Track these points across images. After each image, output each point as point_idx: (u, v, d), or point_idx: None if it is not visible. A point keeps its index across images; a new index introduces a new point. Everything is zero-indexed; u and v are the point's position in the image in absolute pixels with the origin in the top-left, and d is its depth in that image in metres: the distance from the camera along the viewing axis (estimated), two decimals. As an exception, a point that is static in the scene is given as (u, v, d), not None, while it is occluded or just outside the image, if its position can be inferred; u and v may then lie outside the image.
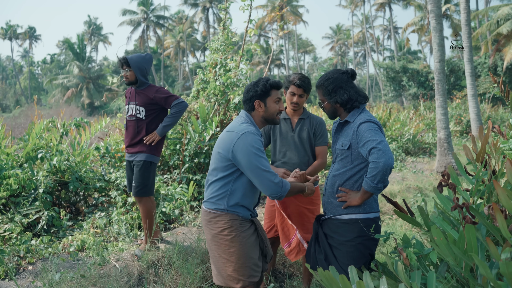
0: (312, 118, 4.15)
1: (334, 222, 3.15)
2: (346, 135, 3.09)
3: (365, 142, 2.89)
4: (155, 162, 4.99)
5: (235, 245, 3.13)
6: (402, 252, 2.53)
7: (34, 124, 7.68)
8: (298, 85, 3.95)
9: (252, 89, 3.21)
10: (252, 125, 3.17)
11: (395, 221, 6.41)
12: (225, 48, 8.03)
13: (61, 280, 4.04)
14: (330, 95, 3.12)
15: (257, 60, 59.61)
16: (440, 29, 11.37)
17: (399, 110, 23.03)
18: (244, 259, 3.14)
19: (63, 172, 6.36)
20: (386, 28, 71.78)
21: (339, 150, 3.14)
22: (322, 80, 3.16)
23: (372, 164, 2.82)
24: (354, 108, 3.13)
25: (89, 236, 5.38)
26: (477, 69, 29.31)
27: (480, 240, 2.27)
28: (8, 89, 76.64)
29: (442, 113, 11.41)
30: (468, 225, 2.12)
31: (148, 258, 4.60)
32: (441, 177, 2.67)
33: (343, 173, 3.11)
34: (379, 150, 2.80)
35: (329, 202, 3.19)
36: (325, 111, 3.21)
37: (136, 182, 4.91)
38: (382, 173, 2.80)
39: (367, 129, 2.94)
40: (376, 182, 2.84)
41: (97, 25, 74.06)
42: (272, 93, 3.21)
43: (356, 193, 3.05)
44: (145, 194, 4.94)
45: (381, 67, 35.17)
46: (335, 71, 3.17)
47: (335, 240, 3.12)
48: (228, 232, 3.14)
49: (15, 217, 5.54)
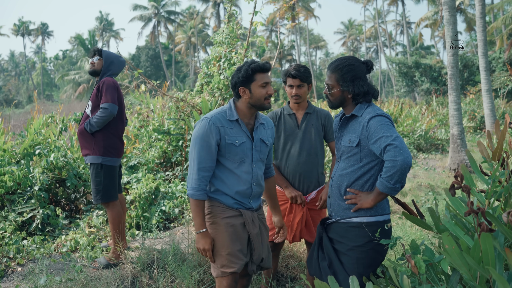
0: (319, 112, 3.91)
1: (342, 226, 2.86)
2: (354, 130, 2.81)
3: (378, 139, 2.63)
4: (108, 164, 4.52)
5: (212, 232, 3.02)
6: (411, 260, 2.32)
7: (33, 120, 7.49)
8: (293, 75, 3.72)
9: (235, 75, 3.01)
10: (223, 112, 3.02)
11: (405, 221, 6.13)
12: (230, 41, 7.79)
13: (47, 284, 3.82)
14: (346, 83, 2.82)
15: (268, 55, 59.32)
16: (454, 22, 11.04)
17: (411, 106, 22.68)
18: (219, 246, 3.00)
19: (60, 169, 6.17)
20: (398, 23, 71.08)
21: (345, 147, 2.86)
22: (341, 65, 2.84)
23: (389, 163, 2.57)
24: (363, 102, 2.86)
25: (82, 236, 5.17)
26: (492, 64, 28.79)
27: (498, 249, 2.01)
28: (21, 85, 77.13)
29: (455, 109, 11.09)
30: (484, 234, 1.86)
31: (142, 260, 4.37)
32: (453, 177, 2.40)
33: (351, 173, 2.83)
34: (396, 147, 2.55)
35: (336, 204, 2.90)
36: (329, 97, 2.91)
37: (92, 187, 4.54)
38: (400, 172, 2.55)
39: (378, 124, 2.67)
40: (393, 183, 2.59)
41: (108, 21, 74.19)
42: (257, 77, 2.97)
43: (367, 195, 2.77)
44: (103, 200, 4.52)
45: (394, 62, 34.74)
46: (355, 59, 2.87)
47: (343, 246, 2.84)
48: (208, 218, 3.05)
49: (9, 215, 5.35)
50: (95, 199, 4.50)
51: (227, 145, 2.96)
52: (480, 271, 1.94)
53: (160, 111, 8.50)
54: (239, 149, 2.99)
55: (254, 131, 3.09)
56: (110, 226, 4.60)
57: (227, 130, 2.97)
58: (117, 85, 4.59)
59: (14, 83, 75.79)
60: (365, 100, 2.84)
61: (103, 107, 4.39)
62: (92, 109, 4.54)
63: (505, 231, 1.98)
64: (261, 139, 3.12)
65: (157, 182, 6.23)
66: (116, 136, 4.58)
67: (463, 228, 2.46)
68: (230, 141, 2.96)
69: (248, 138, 3.05)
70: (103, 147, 4.47)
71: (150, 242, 5.10)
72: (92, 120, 4.41)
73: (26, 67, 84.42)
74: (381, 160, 2.75)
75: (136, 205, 5.82)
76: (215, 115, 2.99)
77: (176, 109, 7.52)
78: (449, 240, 1.97)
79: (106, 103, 4.39)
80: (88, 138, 4.50)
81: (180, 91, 9.20)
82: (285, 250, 4.87)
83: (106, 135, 4.49)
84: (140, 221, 5.69)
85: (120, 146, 4.65)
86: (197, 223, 2.94)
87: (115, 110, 4.44)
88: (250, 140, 3.05)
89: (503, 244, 2.07)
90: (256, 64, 2.96)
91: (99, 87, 4.51)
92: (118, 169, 4.72)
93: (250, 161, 3.05)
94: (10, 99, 64.04)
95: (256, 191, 3.10)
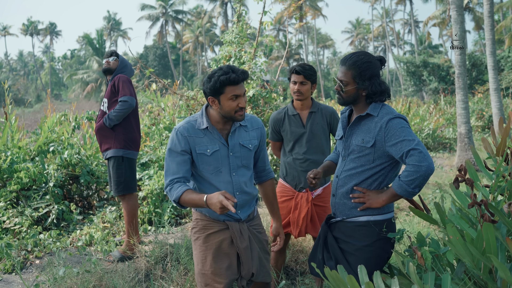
0: (323, 109, 3.93)
1: (348, 225, 2.79)
2: (368, 130, 2.70)
3: (399, 142, 2.57)
4: (128, 157, 4.70)
5: (196, 247, 2.92)
6: (417, 251, 2.38)
7: (47, 118, 7.65)
8: (297, 71, 3.76)
9: (205, 83, 2.79)
10: (193, 121, 2.85)
11: (412, 218, 6.22)
12: (240, 40, 7.89)
13: (65, 275, 3.96)
14: (364, 80, 2.67)
15: (276, 55, 59.34)
16: (461, 21, 11.08)
17: (419, 105, 22.68)
18: (203, 264, 2.87)
19: (74, 166, 6.30)
20: (406, 22, 70.90)
21: (357, 147, 2.74)
22: (359, 61, 2.68)
23: (412, 167, 2.51)
24: (377, 102, 2.75)
25: (97, 230, 5.30)
26: (500, 63, 28.67)
27: (500, 240, 2.10)
28: (30, 84, 77.57)
29: (463, 108, 11.13)
30: (486, 224, 1.96)
31: (156, 253, 4.50)
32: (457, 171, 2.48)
33: (361, 173, 2.74)
34: (421, 153, 2.51)
35: (342, 203, 2.81)
36: (342, 94, 2.74)
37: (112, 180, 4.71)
38: (422, 178, 2.52)
39: (398, 126, 2.60)
40: (413, 187, 2.56)
41: (116, 20, 74.52)
42: (226, 90, 2.72)
43: (376, 194, 2.71)
44: (124, 192, 4.68)
45: (401, 61, 34.64)
46: (371, 55, 2.74)
47: (350, 246, 2.76)
48: (193, 233, 2.95)
49: (26, 210, 5.50)
50: (116, 191, 4.65)
51: (198, 155, 2.80)
52: (483, 260, 2.03)
53: (170, 109, 8.63)
54: (211, 158, 2.82)
55: (230, 136, 2.88)
56: (125, 219, 4.74)
57: (196, 139, 2.80)
58: (131, 81, 4.78)
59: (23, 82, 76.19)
60: (379, 99, 2.73)
61: (122, 100, 4.56)
62: (108, 106, 4.69)
63: (506, 222, 2.08)
64: (241, 143, 2.90)
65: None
66: (135, 129, 4.76)
67: (467, 221, 2.55)
68: (200, 151, 2.80)
69: (223, 145, 2.85)
70: (123, 140, 4.64)
71: (162, 236, 5.23)
72: (111, 114, 4.56)
73: (35, 66, 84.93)
74: (393, 162, 2.72)
75: (148, 201, 5.95)
76: (183, 125, 2.83)
77: (186, 107, 7.64)
78: (453, 231, 2.07)
79: (125, 96, 4.57)
80: (107, 133, 4.65)
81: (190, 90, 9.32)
82: (295, 245, 4.98)
83: (125, 129, 4.67)
84: (152, 217, 5.82)
85: (139, 139, 4.84)
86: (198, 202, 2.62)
87: (134, 103, 4.62)
88: (225, 147, 2.86)
89: (505, 235, 2.16)
90: (225, 77, 2.70)
91: (114, 83, 4.67)
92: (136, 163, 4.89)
93: (228, 170, 2.86)
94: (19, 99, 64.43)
95: (241, 200, 2.89)
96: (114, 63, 4.82)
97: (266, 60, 7.98)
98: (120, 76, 4.70)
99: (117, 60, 4.83)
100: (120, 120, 4.61)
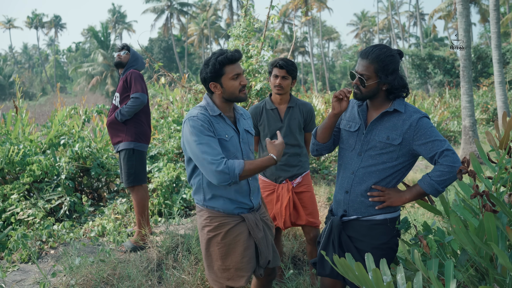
0: (301, 104, 4.00)
1: (364, 224, 2.71)
2: (395, 127, 2.61)
3: (431, 141, 2.54)
4: (139, 149, 4.83)
5: (213, 244, 2.88)
6: (423, 240, 2.46)
7: (57, 111, 7.77)
8: (280, 65, 3.80)
9: (203, 70, 2.78)
10: (203, 109, 2.81)
11: (417, 209, 6.33)
12: (247, 34, 7.97)
13: (81, 264, 4.09)
14: (387, 75, 2.57)
15: (281, 47, 59.27)
16: (467, 15, 11.12)
17: (424, 98, 22.69)
18: (222, 261, 2.87)
19: (85, 159, 6.43)
20: (412, 14, 70.58)
21: (380, 143, 2.64)
22: (382, 55, 2.57)
23: (447, 168, 2.50)
24: (400, 97, 2.67)
25: (109, 221, 5.44)
26: (506, 56, 28.60)
27: (501, 229, 2.21)
28: (35, 77, 77.84)
29: (468, 101, 11.19)
30: (487, 213, 2.06)
31: (167, 244, 4.62)
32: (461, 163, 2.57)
33: (382, 170, 2.66)
34: (454, 154, 2.52)
35: (358, 201, 2.71)
36: (362, 89, 2.63)
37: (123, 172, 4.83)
38: (454, 178, 2.52)
39: (429, 126, 2.57)
40: (443, 186, 2.55)
41: (121, 13, 74.49)
42: (226, 69, 2.74)
43: (397, 192, 2.67)
44: (134, 183, 4.81)
45: (407, 54, 34.57)
46: (391, 48, 2.64)
47: (365, 244, 2.69)
48: (207, 232, 2.87)
49: (38, 202, 5.63)
50: (127, 182, 4.79)
51: (218, 141, 2.76)
52: (484, 248, 2.14)
53: (179, 102, 8.73)
54: (229, 144, 2.81)
55: (237, 123, 2.92)
56: (135, 210, 4.87)
57: (214, 125, 2.77)
58: (143, 77, 4.87)
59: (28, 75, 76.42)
60: (400, 95, 2.66)
61: (134, 96, 4.68)
62: (120, 100, 4.81)
63: (507, 212, 2.18)
64: (246, 130, 2.97)
65: (177, 171, 6.47)
66: (145, 123, 4.88)
67: (470, 211, 2.65)
68: (220, 136, 2.77)
69: (235, 132, 2.88)
70: (134, 133, 4.76)
71: (173, 227, 5.36)
72: (123, 109, 4.68)
73: (40, 59, 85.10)
74: (413, 161, 2.70)
75: (158, 193, 6.08)
76: (198, 113, 2.76)
77: (194, 100, 7.74)
78: (456, 220, 2.17)
79: (137, 93, 4.69)
80: (119, 126, 4.78)
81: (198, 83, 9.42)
82: (302, 236, 5.09)
83: (136, 122, 4.79)
84: (162, 208, 5.94)
85: (149, 132, 4.96)
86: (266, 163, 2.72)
87: (145, 99, 4.74)
88: (236, 134, 2.88)
89: (505, 224, 2.26)
90: (223, 56, 2.72)
91: (126, 78, 4.79)
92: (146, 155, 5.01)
93: (241, 156, 2.87)
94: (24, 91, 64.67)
95: (254, 186, 2.94)
96: (126, 57, 4.95)
97: (273, 54, 8.06)
98: (132, 72, 4.82)
99: (128, 54, 4.96)
100: (131, 115, 4.73)
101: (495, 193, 2.64)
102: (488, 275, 2.26)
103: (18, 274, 4.24)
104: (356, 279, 2.02)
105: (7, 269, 4.30)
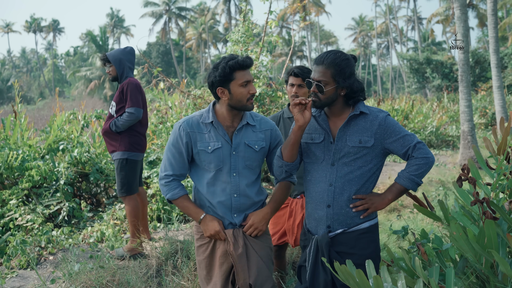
0: None
1: (351, 236, 2.60)
2: (364, 129, 2.56)
3: (402, 137, 2.54)
4: (132, 159, 4.75)
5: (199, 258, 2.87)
6: (421, 247, 2.47)
7: (56, 116, 7.77)
8: (295, 73, 3.65)
9: (212, 74, 2.67)
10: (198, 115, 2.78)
11: (416, 215, 6.33)
12: (246, 39, 7.99)
13: (80, 270, 4.08)
14: (345, 79, 2.51)
15: (279, 52, 59.35)
16: (465, 19, 11.15)
17: (422, 102, 22.73)
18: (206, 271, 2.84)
19: (83, 164, 6.43)
20: (410, 18, 70.77)
21: (353, 148, 2.55)
22: (338, 59, 2.51)
23: (422, 160, 2.51)
24: (359, 101, 2.62)
25: (108, 227, 5.43)
26: (504, 60, 28.65)
27: (501, 236, 2.21)
28: (33, 81, 77.76)
29: (466, 105, 11.21)
30: (488, 220, 2.07)
31: (166, 250, 4.62)
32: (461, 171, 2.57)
33: (360, 176, 2.58)
34: (424, 145, 2.54)
35: (342, 213, 2.59)
36: (320, 96, 2.54)
37: (116, 181, 4.79)
38: (429, 169, 2.54)
39: (395, 123, 2.57)
40: (421, 179, 2.55)
41: (119, 17, 74.56)
42: (237, 75, 2.62)
43: (378, 196, 2.62)
44: (127, 193, 4.75)
45: (405, 58, 34.65)
46: (344, 53, 2.59)
47: (356, 257, 2.54)
48: (196, 240, 2.88)
49: (37, 208, 5.62)
50: (120, 192, 4.74)
51: (199, 152, 2.70)
52: (485, 256, 2.14)
53: (178, 108, 8.74)
54: (212, 156, 2.70)
55: (235, 134, 2.74)
56: (128, 219, 4.82)
57: (198, 135, 2.71)
58: (140, 87, 4.80)
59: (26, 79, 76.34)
60: (358, 98, 2.60)
61: (129, 111, 4.61)
62: (116, 110, 4.76)
63: (507, 219, 2.19)
64: (246, 143, 2.75)
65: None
66: (140, 134, 4.81)
67: (470, 218, 2.66)
68: (201, 148, 2.70)
69: (226, 143, 2.72)
70: (128, 143, 4.70)
71: (172, 233, 5.36)
72: (118, 122, 4.65)
73: (38, 63, 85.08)
74: (383, 162, 2.65)
75: (157, 199, 6.07)
76: (187, 120, 2.75)
77: (193, 106, 7.75)
78: (457, 227, 2.17)
79: (132, 108, 4.62)
80: (114, 136, 4.74)
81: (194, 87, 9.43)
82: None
83: (131, 133, 4.73)
84: (161, 214, 5.94)
85: (144, 142, 4.89)
86: (192, 214, 2.74)
87: (141, 114, 4.68)
88: (228, 145, 2.72)
89: (506, 231, 2.26)
90: (234, 61, 2.60)
91: (123, 89, 4.73)
92: (141, 163, 4.97)
93: (229, 169, 2.72)
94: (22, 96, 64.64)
95: (238, 203, 2.76)
96: (113, 69, 4.81)
97: (271, 59, 8.08)
98: (129, 82, 4.73)
99: (111, 65, 4.80)
100: (125, 129, 4.69)
101: (495, 200, 2.64)
102: (489, 282, 2.26)
103: (17, 281, 4.23)
104: (356, 286, 2.02)
105: (5, 276, 4.29)
